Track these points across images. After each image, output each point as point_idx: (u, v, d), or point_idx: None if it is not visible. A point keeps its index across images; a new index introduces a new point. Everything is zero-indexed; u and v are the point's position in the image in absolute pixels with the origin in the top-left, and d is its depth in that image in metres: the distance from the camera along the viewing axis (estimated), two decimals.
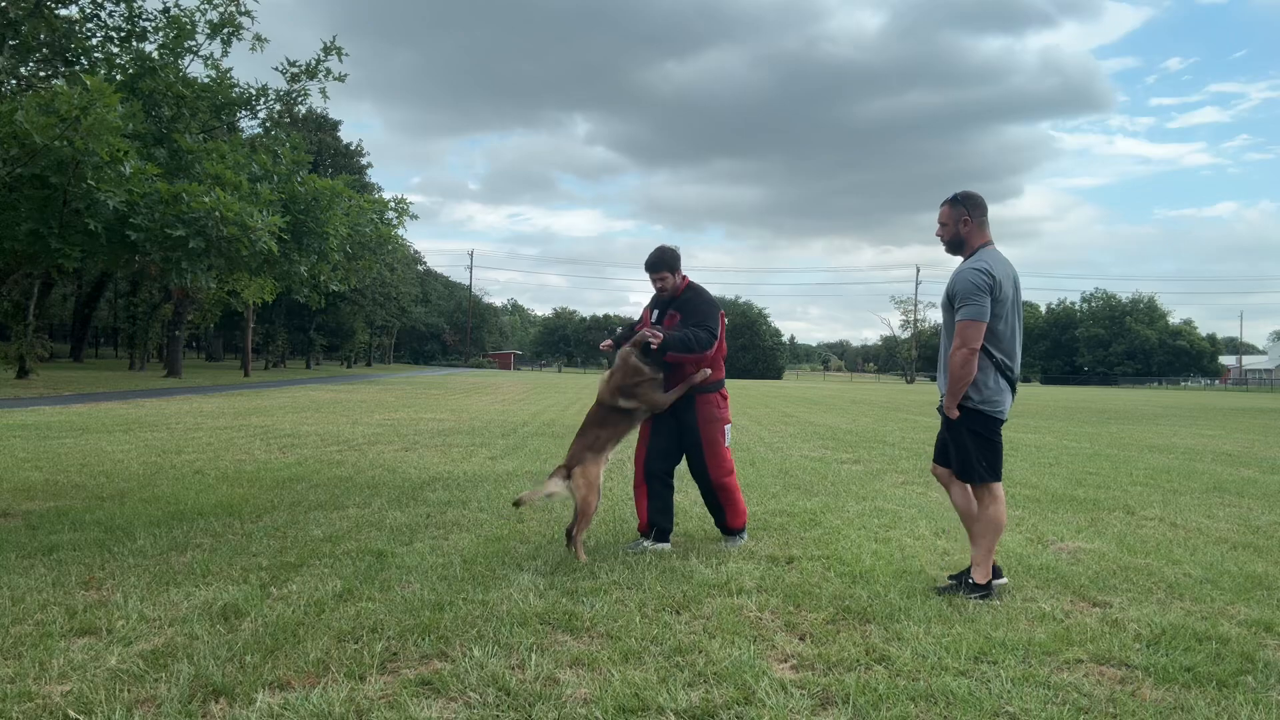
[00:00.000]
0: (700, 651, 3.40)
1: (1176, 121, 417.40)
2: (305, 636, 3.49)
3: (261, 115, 6.87)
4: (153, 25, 6.40)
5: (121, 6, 6.37)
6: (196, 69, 9.11)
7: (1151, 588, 4.50)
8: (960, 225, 4.35)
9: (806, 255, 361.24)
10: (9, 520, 5.93)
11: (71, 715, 2.76)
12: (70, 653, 3.30)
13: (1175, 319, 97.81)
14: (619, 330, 5.81)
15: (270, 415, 16.40)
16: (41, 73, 6.59)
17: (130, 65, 6.29)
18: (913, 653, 3.43)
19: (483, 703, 2.92)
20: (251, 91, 6.69)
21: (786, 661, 3.37)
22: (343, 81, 6.70)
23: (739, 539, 5.42)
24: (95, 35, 6.46)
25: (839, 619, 3.87)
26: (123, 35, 6.42)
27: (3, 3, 5.86)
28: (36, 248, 5.29)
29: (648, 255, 5.38)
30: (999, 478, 4.33)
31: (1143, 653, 3.47)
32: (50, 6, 6.13)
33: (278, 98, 6.71)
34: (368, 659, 3.26)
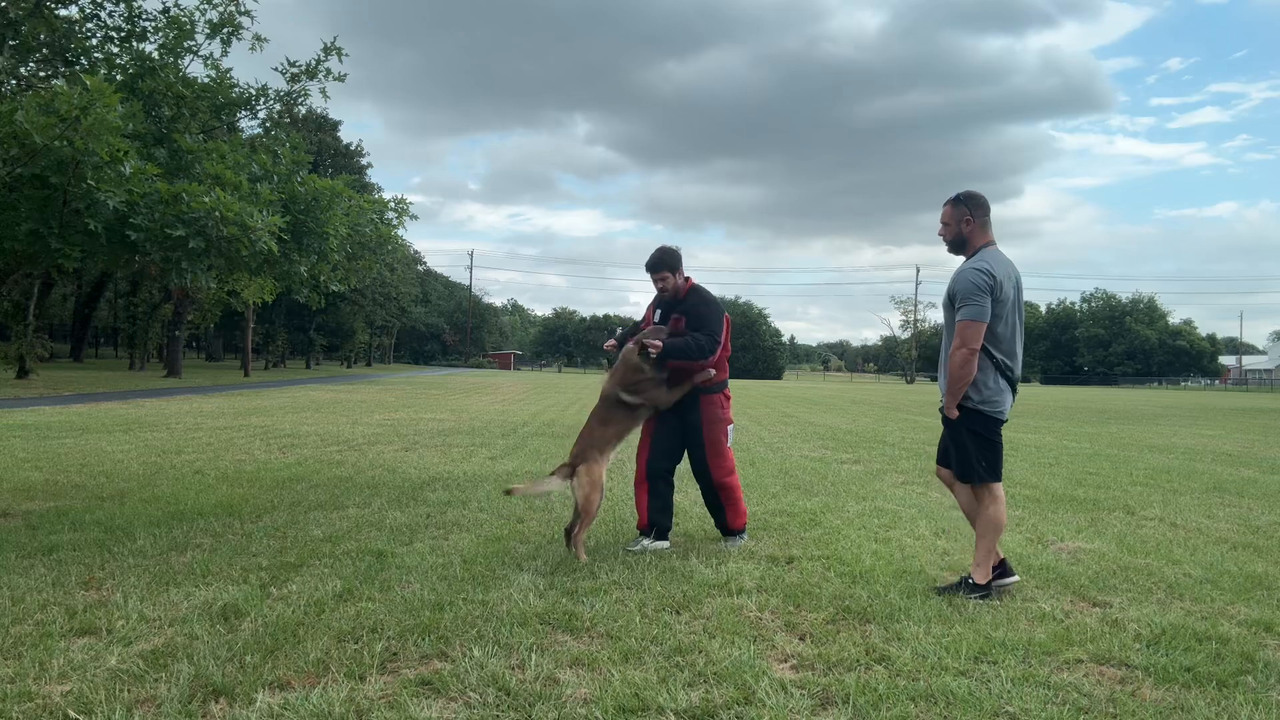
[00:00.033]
0: (700, 651, 3.40)
1: (1177, 121, 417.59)
2: (305, 636, 3.49)
3: (261, 115, 6.89)
4: (153, 25, 6.40)
5: (121, 6, 6.37)
6: (196, 69, 9.11)
7: (1151, 588, 4.50)
8: (962, 225, 4.35)
9: (806, 255, 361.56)
10: (9, 520, 5.93)
11: (71, 715, 2.76)
12: (70, 653, 3.30)
13: (1175, 319, 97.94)
14: (619, 331, 5.81)
15: (270, 415, 16.40)
16: (41, 73, 6.59)
17: (130, 65, 6.30)
18: (913, 653, 3.43)
19: (483, 703, 2.92)
20: (251, 91, 6.69)
21: (786, 661, 3.37)
22: (342, 81, 6.71)
23: (739, 539, 5.42)
24: (95, 35, 6.47)
25: (839, 619, 3.87)
26: (123, 35, 6.43)
27: (3, 3, 5.86)
28: (36, 248, 5.29)
29: (649, 256, 5.37)
30: (999, 478, 4.33)
31: (1143, 653, 3.47)
32: (50, 6, 6.13)
33: (278, 98, 6.71)
34: (368, 659, 3.26)
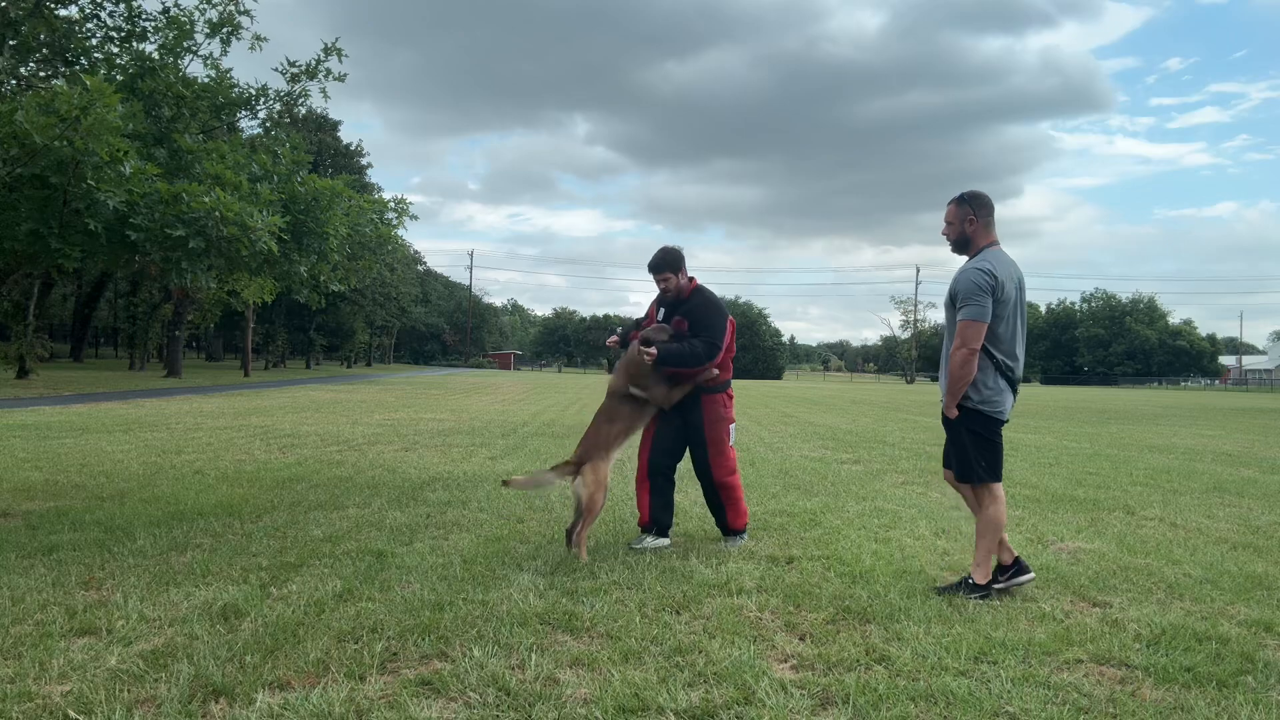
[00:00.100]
0: (700, 651, 3.40)
1: (1176, 121, 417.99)
2: (305, 636, 3.49)
3: (261, 115, 6.89)
4: (152, 25, 6.40)
5: (121, 6, 6.37)
6: (196, 69, 9.11)
7: (1151, 588, 4.50)
8: (966, 224, 4.35)
9: (806, 255, 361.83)
10: (9, 520, 5.93)
11: (71, 715, 2.76)
12: (70, 653, 3.30)
13: (1175, 319, 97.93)
14: (619, 330, 5.80)
15: (270, 415, 16.40)
16: (41, 73, 6.59)
17: (130, 65, 6.30)
18: (913, 653, 3.43)
19: (483, 703, 2.92)
20: (251, 92, 6.69)
21: (786, 661, 3.37)
22: (342, 82, 6.71)
23: (739, 539, 5.41)
24: (95, 35, 6.46)
25: (839, 619, 3.87)
26: (123, 35, 6.43)
27: (3, 3, 5.86)
28: (36, 248, 5.29)
29: (651, 256, 5.36)
30: (999, 478, 4.33)
31: (1143, 653, 3.47)
32: (50, 6, 6.13)
33: (278, 98, 6.71)
34: (368, 659, 3.26)
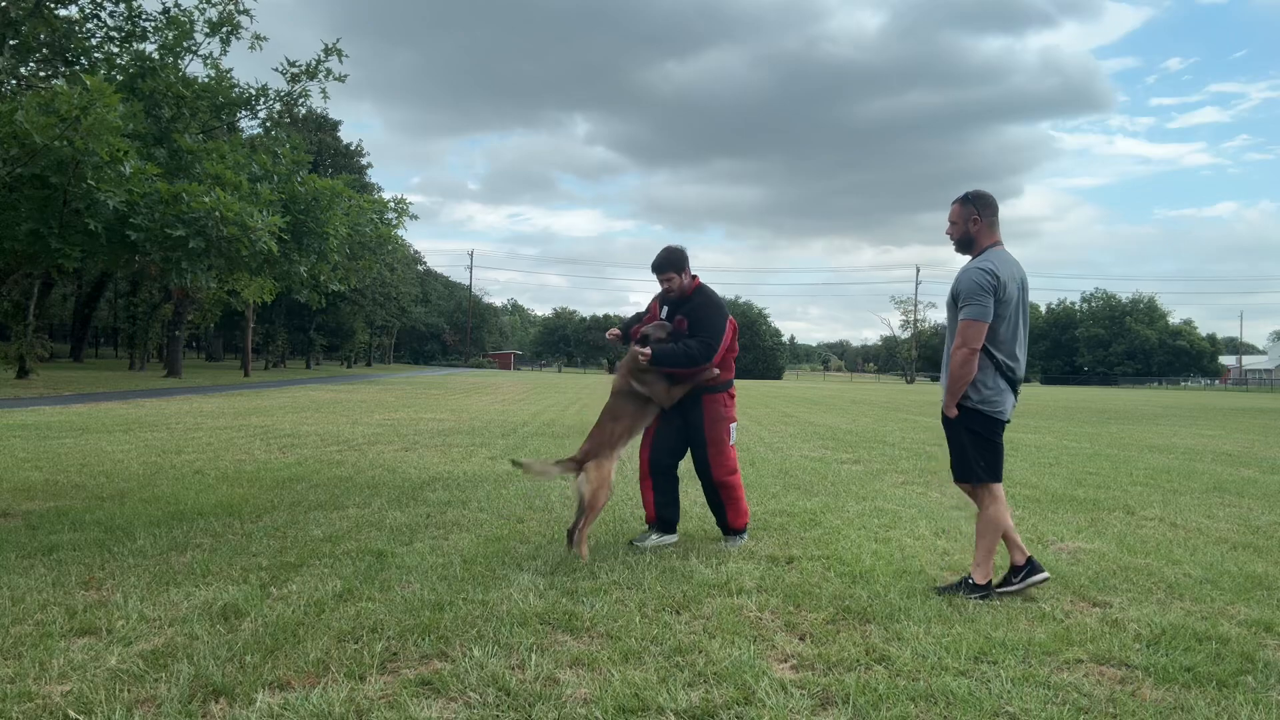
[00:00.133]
0: (700, 651, 3.40)
1: (1176, 121, 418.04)
2: (305, 636, 3.49)
3: (261, 115, 6.88)
4: (152, 25, 6.40)
5: (121, 6, 6.37)
6: (196, 69, 9.12)
7: (1151, 588, 4.50)
8: (970, 224, 4.36)
9: (806, 255, 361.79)
10: (9, 520, 5.93)
11: (71, 715, 2.76)
12: (70, 653, 3.30)
13: (1175, 319, 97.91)
14: (621, 324, 5.80)
15: (270, 415, 16.40)
16: (41, 73, 6.59)
17: (130, 65, 6.29)
18: (913, 653, 3.43)
19: (483, 703, 2.92)
20: (251, 92, 6.69)
21: (786, 661, 3.37)
22: (343, 82, 6.70)
23: (739, 539, 5.41)
24: (95, 35, 6.46)
25: (839, 619, 3.87)
26: (123, 35, 6.42)
27: (3, 3, 5.86)
28: (36, 248, 5.29)
29: (655, 256, 5.35)
30: (999, 479, 4.33)
31: (1143, 653, 3.47)
32: (50, 6, 6.13)
33: (278, 98, 6.71)
34: (368, 659, 3.26)
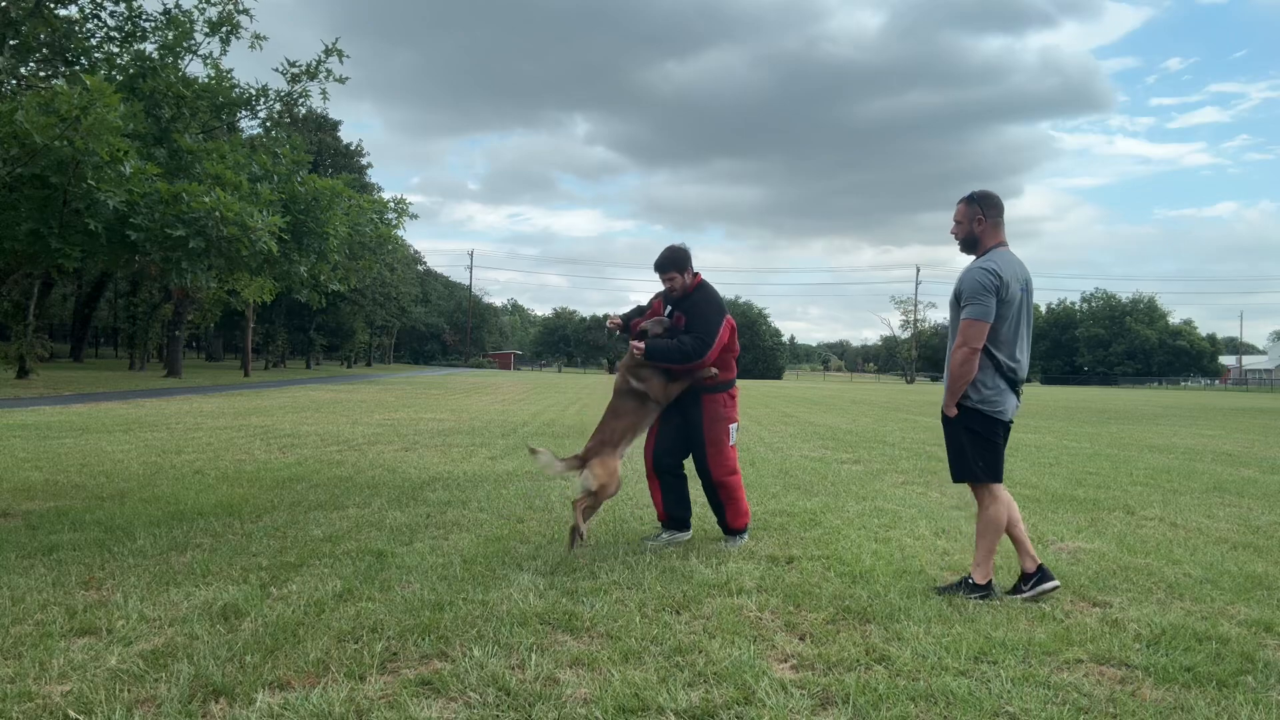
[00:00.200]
0: (700, 651, 3.40)
1: (1176, 121, 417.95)
2: (305, 636, 3.49)
3: (261, 115, 6.88)
4: (152, 25, 6.40)
5: (121, 6, 6.37)
6: (196, 69, 9.12)
7: (1151, 588, 4.50)
8: (974, 224, 4.36)
9: (806, 255, 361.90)
10: (9, 520, 5.93)
11: (71, 715, 2.76)
12: (70, 653, 3.30)
13: (1175, 319, 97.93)
14: (623, 314, 5.80)
15: (270, 415, 16.40)
16: (41, 73, 6.59)
17: (130, 65, 6.29)
18: (913, 653, 3.43)
19: (483, 703, 2.92)
20: (251, 92, 6.68)
21: (786, 661, 3.37)
22: (343, 84, 6.70)
23: (739, 539, 5.41)
24: (95, 35, 6.46)
25: (839, 619, 3.87)
26: (123, 35, 6.42)
27: (3, 3, 5.86)
28: (36, 248, 5.29)
29: (658, 255, 5.34)
30: (999, 479, 4.32)
31: (1143, 653, 3.47)
32: (50, 6, 6.12)
33: (278, 98, 6.71)
34: (368, 659, 3.26)
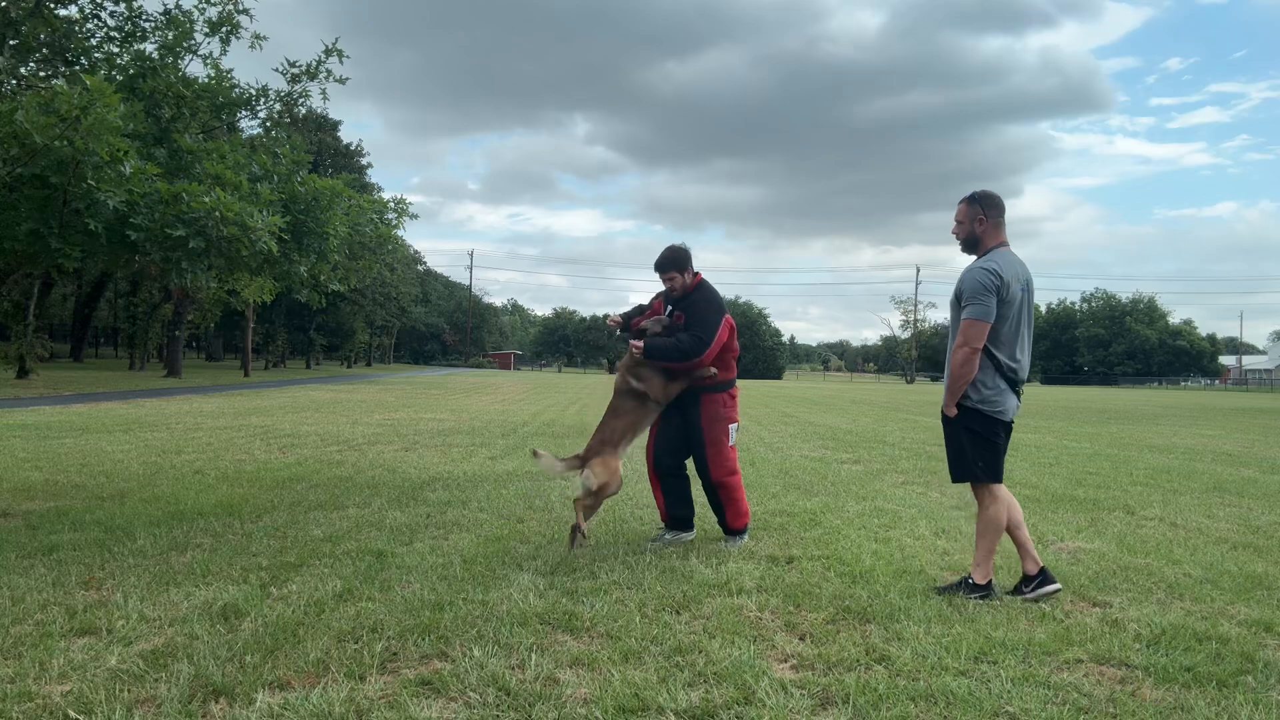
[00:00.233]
0: (700, 651, 3.40)
1: (1176, 121, 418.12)
2: (305, 636, 3.49)
3: (261, 115, 6.88)
4: (152, 25, 6.40)
5: (121, 6, 6.37)
6: (196, 69, 9.11)
7: (1151, 588, 4.50)
8: (975, 224, 4.37)
9: (806, 255, 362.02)
10: (9, 520, 5.93)
11: (71, 715, 2.76)
12: (70, 653, 3.30)
13: (1175, 319, 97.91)
14: (623, 313, 5.79)
15: (270, 415, 16.40)
16: (41, 73, 6.59)
17: (130, 65, 6.29)
18: (913, 653, 3.43)
19: (483, 703, 2.92)
20: (251, 92, 6.68)
21: (786, 661, 3.37)
22: (343, 84, 6.70)
23: (739, 539, 5.41)
24: (95, 35, 6.46)
25: (839, 619, 3.87)
26: (123, 35, 6.42)
27: (3, 3, 5.85)
28: (36, 248, 5.29)
29: (658, 255, 5.34)
30: (999, 479, 4.32)
31: (1143, 653, 3.47)
32: (50, 6, 6.12)
33: (278, 98, 6.70)
34: (368, 659, 3.26)
